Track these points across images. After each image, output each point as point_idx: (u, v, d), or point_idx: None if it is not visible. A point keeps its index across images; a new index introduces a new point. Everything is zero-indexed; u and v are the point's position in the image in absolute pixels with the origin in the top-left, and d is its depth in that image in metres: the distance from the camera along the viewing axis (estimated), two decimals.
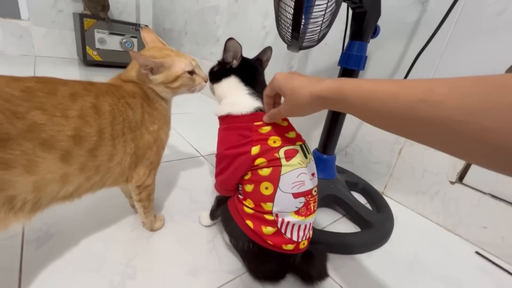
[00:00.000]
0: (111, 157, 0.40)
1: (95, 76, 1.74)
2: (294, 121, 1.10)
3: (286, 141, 0.45)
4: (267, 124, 0.46)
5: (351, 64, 0.61)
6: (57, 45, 2.01)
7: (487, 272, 0.60)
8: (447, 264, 0.61)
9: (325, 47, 0.95)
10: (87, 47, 1.85)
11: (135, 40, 2.00)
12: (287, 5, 0.51)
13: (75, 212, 0.55)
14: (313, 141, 1.06)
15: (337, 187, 0.71)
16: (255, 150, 0.44)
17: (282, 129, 0.47)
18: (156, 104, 0.48)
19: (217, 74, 0.53)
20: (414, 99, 0.24)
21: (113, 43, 1.93)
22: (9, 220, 0.32)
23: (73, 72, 1.74)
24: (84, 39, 1.81)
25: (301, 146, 0.46)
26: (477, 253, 0.65)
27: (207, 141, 1.03)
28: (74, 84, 0.38)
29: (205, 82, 0.53)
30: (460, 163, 0.69)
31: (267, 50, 0.57)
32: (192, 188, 0.72)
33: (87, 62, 1.89)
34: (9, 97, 0.30)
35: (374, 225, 0.64)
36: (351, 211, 0.68)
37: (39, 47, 1.95)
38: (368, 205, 0.78)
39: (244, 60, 0.53)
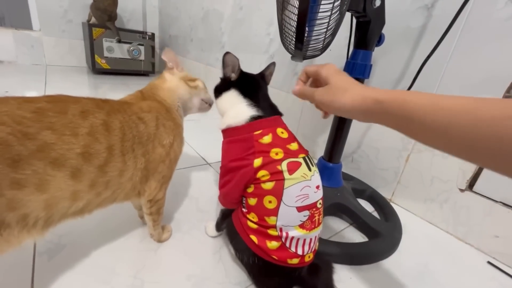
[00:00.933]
0: (121, 173, 0.41)
1: (103, 84, 1.78)
2: (300, 126, 1.10)
3: (289, 153, 0.45)
4: (266, 134, 0.47)
5: (356, 72, 0.61)
6: (66, 54, 2.07)
7: (499, 282, 0.58)
8: (458, 274, 0.59)
9: (329, 53, 0.95)
10: (96, 56, 1.89)
11: (142, 48, 2.03)
12: (290, 18, 0.51)
13: (85, 223, 0.56)
14: (319, 148, 1.06)
15: (344, 196, 0.70)
16: (257, 162, 0.44)
17: (284, 140, 0.47)
18: (173, 115, 0.50)
19: (219, 89, 0.55)
20: (499, 115, 0.21)
21: (120, 51, 1.97)
22: (22, 238, 0.33)
23: (82, 80, 1.79)
24: (93, 48, 1.86)
25: (304, 158, 0.46)
26: (489, 263, 0.63)
27: (214, 148, 1.03)
28: (86, 102, 0.39)
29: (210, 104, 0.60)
30: (469, 171, 0.68)
31: (271, 66, 0.58)
32: (199, 197, 0.73)
33: (96, 70, 1.93)
34: (21, 119, 0.31)
35: (382, 235, 0.63)
36: (358, 220, 0.67)
37: (50, 56, 2.01)
38: (375, 213, 0.78)
39: (243, 74, 0.54)
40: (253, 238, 0.45)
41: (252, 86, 0.53)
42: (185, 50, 1.98)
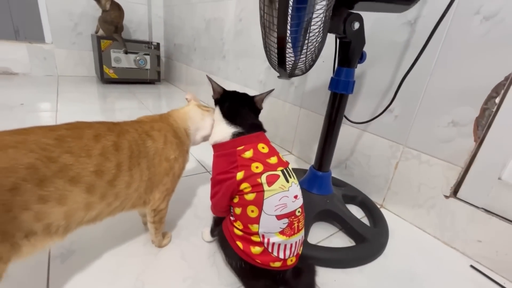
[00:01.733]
0: (128, 185, 0.47)
1: (111, 93, 1.86)
2: (297, 133, 1.14)
3: (268, 166, 0.50)
4: (248, 149, 0.52)
5: (340, 88, 0.65)
6: (77, 65, 2.17)
7: (481, 286, 0.61)
8: (441, 277, 0.63)
9: (323, 66, 0.99)
10: (104, 66, 1.98)
11: (148, 58, 2.12)
12: (272, 41, 0.56)
13: (93, 231, 0.62)
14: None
15: (333, 202, 0.74)
16: (239, 175, 0.50)
17: (264, 155, 0.52)
18: (179, 135, 0.56)
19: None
20: None
21: (127, 61, 2.06)
22: (46, 242, 0.39)
23: (92, 90, 1.88)
24: (101, 58, 1.95)
25: (282, 171, 0.51)
26: (472, 266, 0.66)
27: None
28: (99, 126, 0.45)
29: None
30: (453, 178, 0.71)
31: (269, 92, 0.60)
32: (198, 204, 0.78)
33: (105, 79, 2.03)
34: (46, 146, 0.37)
35: (368, 239, 0.67)
36: (346, 226, 0.71)
37: (61, 67, 2.11)
38: (365, 219, 0.81)
39: (227, 94, 0.60)
40: (239, 244, 0.50)
41: (232, 105, 0.58)
42: (189, 59, 2.05)
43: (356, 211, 0.84)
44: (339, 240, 0.71)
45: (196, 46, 1.92)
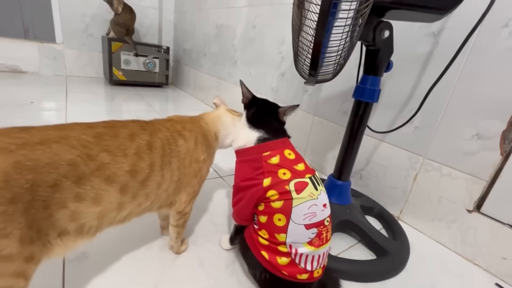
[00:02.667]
0: (159, 185, 0.45)
1: (119, 94, 1.86)
2: (310, 141, 1.13)
3: (296, 173, 0.49)
4: (274, 155, 0.50)
5: (365, 97, 0.64)
6: (86, 65, 2.17)
7: None
8: None
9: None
10: (114, 68, 1.98)
11: (157, 61, 2.12)
12: (305, 44, 0.55)
13: (109, 234, 0.59)
14: (328, 163, 1.08)
15: (352, 213, 0.72)
16: (266, 182, 0.48)
17: (291, 161, 0.50)
18: (208, 138, 0.55)
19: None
20: None
21: (137, 63, 2.06)
22: (76, 242, 0.38)
23: (100, 91, 1.87)
24: (111, 60, 1.95)
25: (310, 178, 0.49)
26: (497, 285, 0.64)
27: (226, 161, 1.07)
28: (133, 125, 0.45)
29: None
30: (477, 192, 0.69)
31: (294, 106, 0.57)
32: (212, 210, 0.76)
33: (113, 81, 2.02)
34: (86, 143, 0.36)
35: (389, 253, 0.65)
36: (366, 238, 0.69)
37: (70, 67, 2.11)
38: (383, 231, 0.79)
39: (255, 100, 0.59)
40: (264, 254, 0.48)
41: (257, 111, 0.57)
42: (198, 63, 2.05)
43: (374, 223, 0.82)
44: (359, 252, 0.69)
45: (207, 51, 1.92)
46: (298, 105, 0.57)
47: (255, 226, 0.51)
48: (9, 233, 0.30)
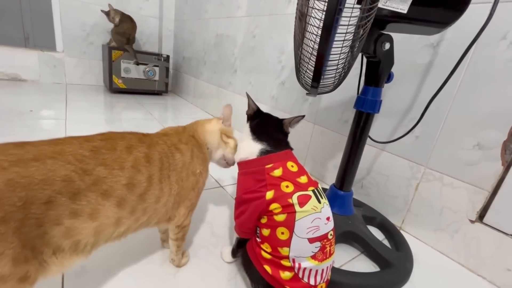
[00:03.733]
0: (157, 200, 0.45)
1: (119, 103, 1.86)
2: (310, 150, 1.13)
3: (298, 186, 0.48)
4: (277, 167, 0.50)
5: (366, 107, 0.64)
6: (86, 74, 2.18)
7: None
8: None
9: None
10: (114, 76, 1.99)
11: (157, 69, 2.13)
12: (307, 56, 0.56)
13: (108, 248, 0.59)
14: (329, 172, 1.08)
15: (355, 224, 0.72)
16: (269, 195, 0.47)
17: (293, 174, 0.50)
18: (203, 151, 0.55)
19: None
20: None
21: (137, 71, 2.07)
22: (72, 260, 0.37)
23: (100, 99, 1.87)
24: (111, 68, 1.96)
25: (313, 191, 0.49)
26: None
27: (226, 171, 1.06)
28: (130, 137, 0.44)
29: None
30: (479, 202, 0.69)
31: (298, 117, 0.59)
32: (213, 221, 0.75)
33: (113, 89, 2.03)
34: (82, 157, 0.36)
35: (393, 265, 0.64)
36: (369, 249, 0.69)
37: (70, 76, 2.12)
38: (386, 241, 0.78)
39: (259, 113, 0.59)
40: (267, 268, 0.47)
41: (261, 123, 0.58)
42: (198, 71, 2.07)
43: (376, 233, 0.81)
44: (362, 263, 0.68)
45: (206, 59, 1.94)
46: (303, 116, 0.58)
47: (258, 239, 0.50)
48: (0, 253, 0.29)
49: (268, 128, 0.57)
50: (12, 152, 0.31)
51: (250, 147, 0.55)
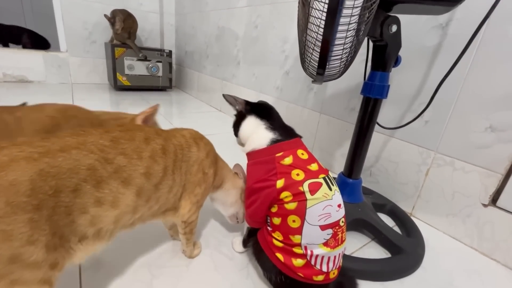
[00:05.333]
0: (170, 189, 0.46)
1: (124, 100, 1.87)
2: (317, 140, 1.12)
3: (309, 174, 0.48)
4: (287, 156, 0.49)
5: (374, 93, 0.63)
6: (90, 72, 2.19)
7: None
8: None
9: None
10: (118, 73, 2.00)
11: (160, 65, 2.13)
12: (312, 42, 0.55)
13: (122, 240, 0.60)
14: (337, 161, 1.08)
15: (365, 211, 0.71)
16: (280, 183, 0.47)
17: (304, 161, 0.50)
18: (218, 161, 0.57)
19: (237, 123, 0.58)
20: None
21: (140, 68, 2.07)
22: (95, 247, 0.39)
23: (105, 97, 1.89)
24: (115, 66, 1.97)
25: (324, 178, 0.48)
26: None
27: (233, 162, 1.07)
28: (148, 130, 0.46)
29: None
30: (492, 185, 0.68)
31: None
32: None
33: (117, 87, 2.04)
34: (103, 147, 0.37)
35: (405, 250, 0.64)
36: (380, 236, 0.68)
37: (75, 75, 2.14)
38: (396, 228, 0.78)
39: (253, 103, 0.59)
40: (279, 256, 0.47)
41: (266, 110, 0.57)
42: (201, 65, 2.06)
43: (386, 220, 0.81)
44: (373, 250, 0.68)
45: (209, 53, 1.92)
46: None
47: (269, 228, 0.50)
48: (35, 240, 0.31)
49: (272, 114, 0.56)
50: (40, 144, 0.33)
51: (261, 137, 0.53)
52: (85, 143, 0.36)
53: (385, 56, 0.60)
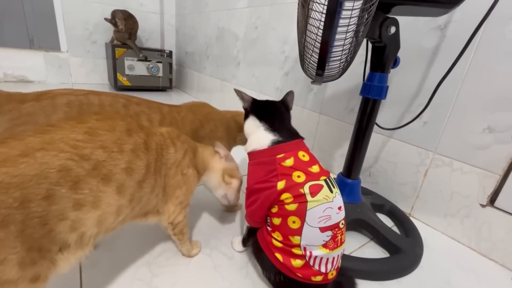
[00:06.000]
0: (152, 189, 0.44)
1: None
2: (316, 140, 1.12)
3: (310, 176, 0.48)
4: (288, 157, 0.50)
5: (373, 94, 0.64)
6: (90, 72, 2.20)
7: None
8: None
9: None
10: (118, 74, 2.00)
11: (160, 65, 2.14)
12: (311, 44, 0.55)
13: (121, 239, 0.60)
14: (336, 162, 1.08)
15: (363, 211, 0.72)
16: (280, 185, 0.47)
17: (305, 163, 0.50)
18: (198, 157, 0.54)
19: (244, 118, 0.60)
20: None
21: (140, 68, 2.08)
22: (78, 255, 0.36)
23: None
24: (115, 66, 1.97)
25: (325, 180, 0.49)
26: None
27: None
28: (130, 121, 0.43)
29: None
30: (490, 186, 0.68)
31: (290, 93, 0.60)
32: (222, 212, 0.76)
33: (118, 87, 2.04)
34: (75, 142, 0.34)
35: (403, 250, 0.64)
36: (378, 236, 0.69)
37: (76, 75, 2.14)
38: (395, 228, 0.78)
39: (258, 101, 0.59)
40: (278, 256, 0.48)
41: (268, 111, 0.57)
42: (201, 66, 2.06)
43: (385, 220, 0.81)
44: (372, 250, 0.68)
45: (209, 53, 1.93)
46: (292, 91, 0.59)
47: (268, 228, 0.51)
48: (3, 260, 0.28)
49: (276, 115, 0.56)
50: None
51: (262, 138, 0.54)
52: (52, 142, 0.32)
53: (384, 57, 0.60)
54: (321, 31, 0.47)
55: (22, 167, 0.29)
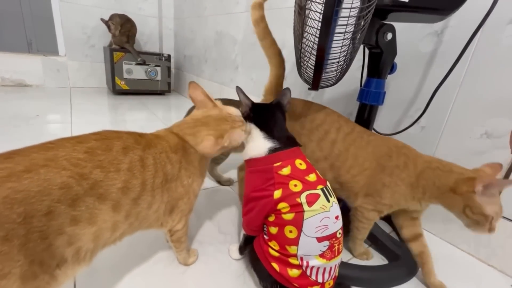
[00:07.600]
0: (149, 205, 0.44)
1: (122, 104, 1.87)
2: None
3: (307, 184, 0.47)
4: (285, 166, 0.49)
5: (370, 100, 0.63)
6: (88, 76, 2.20)
7: None
8: None
9: None
10: (116, 78, 2.00)
11: (158, 69, 2.14)
12: (307, 51, 0.55)
13: (116, 249, 0.59)
14: None
15: None
16: (277, 194, 0.47)
17: (302, 172, 0.49)
18: (193, 160, 0.52)
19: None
20: None
21: (139, 72, 2.08)
22: (75, 269, 0.36)
23: (103, 101, 1.89)
24: (113, 70, 1.97)
25: (322, 189, 0.48)
26: None
27: (232, 169, 1.07)
28: (127, 137, 0.43)
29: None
30: None
31: (286, 92, 0.58)
32: (220, 219, 0.75)
33: (116, 91, 2.04)
34: (77, 161, 0.35)
35: (402, 257, 0.64)
36: (377, 242, 0.68)
37: (74, 79, 2.14)
38: (393, 234, 0.78)
39: (257, 107, 0.57)
40: (275, 265, 0.47)
41: (267, 119, 0.55)
42: (200, 69, 2.06)
43: (383, 226, 0.81)
44: None
45: (208, 57, 1.93)
46: (288, 88, 0.58)
47: (265, 237, 0.50)
48: (7, 273, 0.28)
49: (274, 122, 0.55)
50: (2, 166, 0.30)
51: (259, 146, 0.53)
52: (55, 159, 0.33)
53: (380, 63, 0.60)
54: (317, 38, 0.47)
55: (26, 182, 0.30)
